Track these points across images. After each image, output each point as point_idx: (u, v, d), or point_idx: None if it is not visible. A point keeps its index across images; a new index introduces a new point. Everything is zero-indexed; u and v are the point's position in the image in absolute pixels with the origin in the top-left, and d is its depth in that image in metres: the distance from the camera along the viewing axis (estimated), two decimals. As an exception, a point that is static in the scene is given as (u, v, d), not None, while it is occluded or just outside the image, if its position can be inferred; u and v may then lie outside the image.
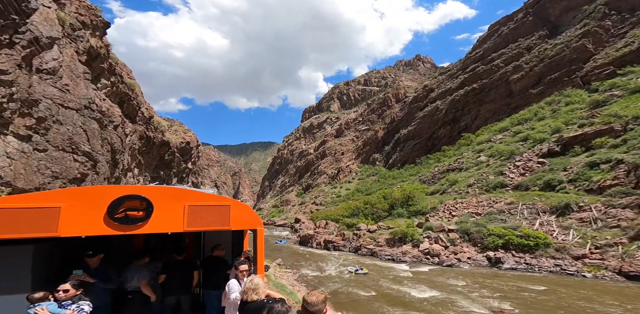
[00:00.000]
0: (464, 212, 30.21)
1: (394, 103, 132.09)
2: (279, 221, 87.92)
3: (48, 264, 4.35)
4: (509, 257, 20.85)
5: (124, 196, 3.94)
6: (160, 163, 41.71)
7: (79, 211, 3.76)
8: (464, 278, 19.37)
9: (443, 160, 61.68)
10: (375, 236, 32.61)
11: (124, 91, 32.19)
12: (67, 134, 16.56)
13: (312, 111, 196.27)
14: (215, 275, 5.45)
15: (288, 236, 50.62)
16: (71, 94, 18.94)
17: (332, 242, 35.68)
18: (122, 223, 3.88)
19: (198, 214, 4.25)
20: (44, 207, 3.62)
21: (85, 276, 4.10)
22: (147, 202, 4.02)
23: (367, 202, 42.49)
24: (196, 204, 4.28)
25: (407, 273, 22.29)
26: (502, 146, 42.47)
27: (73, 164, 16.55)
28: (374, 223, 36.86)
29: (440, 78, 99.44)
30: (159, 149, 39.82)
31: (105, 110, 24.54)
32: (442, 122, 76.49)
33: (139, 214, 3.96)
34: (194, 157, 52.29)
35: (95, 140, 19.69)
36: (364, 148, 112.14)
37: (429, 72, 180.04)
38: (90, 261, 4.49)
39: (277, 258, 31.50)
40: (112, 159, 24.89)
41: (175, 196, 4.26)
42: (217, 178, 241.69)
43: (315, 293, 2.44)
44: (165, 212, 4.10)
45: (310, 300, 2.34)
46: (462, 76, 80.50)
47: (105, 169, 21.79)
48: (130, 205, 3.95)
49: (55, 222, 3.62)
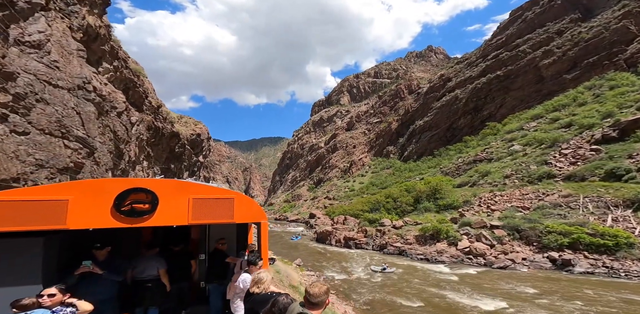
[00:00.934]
0: (505, 206, 26.41)
1: (406, 95, 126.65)
2: (291, 216, 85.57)
3: (58, 256, 4.28)
4: (581, 259, 17.16)
5: (130, 189, 3.89)
6: (171, 156, 39.30)
7: (86, 204, 3.73)
8: (529, 283, 15.89)
9: (466, 151, 57.34)
10: (403, 233, 29.26)
11: (129, 76, 29.44)
12: (54, 115, 13.77)
13: (322, 104, 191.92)
14: (217, 268, 5.48)
15: (303, 232, 47.88)
16: (61, 71, 16.13)
17: (354, 239, 32.55)
18: (129, 216, 3.85)
19: (202, 207, 4.14)
20: (52, 200, 3.60)
21: (94, 267, 4.08)
22: (152, 195, 3.95)
23: (389, 195, 39.03)
24: (200, 197, 4.18)
25: (450, 275, 18.94)
26: (540, 134, 38.01)
27: (63, 150, 13.80)
28: (398, 218, 33.45)
29: (458, 67, 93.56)
30: (169, 140, 37.31)
31: (106, 94, 21.80)
32: (462, 112, 71.55)
33: (145, 207, 3.91)
34: (205, 151, 49.82)
35: (92, 125, 16.93)
36: (377, 141, 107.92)
37: (442, 63, 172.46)
38: (98, 254, 4.45)
39: (295, 257, 28.64)
40: (116, 149, 22.29)
41: (180, 189, 4.17)
42: (229, 174, 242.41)
43: (317, 284, 2.41)
44: (170, 205, 4.02)
45: (312, 292, 2.31)
46: (482, 64, 74.99)
47: (107, 159, 19.11)
48: (136, 198, 3.90)
49: (63, 214, 3.61)
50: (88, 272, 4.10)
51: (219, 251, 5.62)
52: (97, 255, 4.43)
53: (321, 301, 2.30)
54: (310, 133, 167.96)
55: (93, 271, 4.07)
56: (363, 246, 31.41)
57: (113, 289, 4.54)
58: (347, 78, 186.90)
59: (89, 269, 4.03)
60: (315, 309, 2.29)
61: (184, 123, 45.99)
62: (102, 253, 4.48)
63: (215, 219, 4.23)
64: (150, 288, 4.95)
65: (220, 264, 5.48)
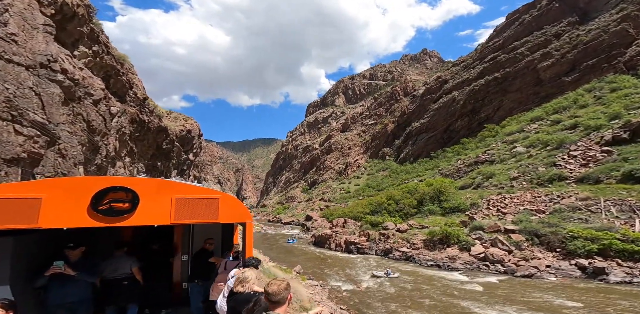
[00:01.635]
0: (518, 209, 24.69)
1: (402, 97, 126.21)
2: (285, 218, 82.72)
3: (30, 257, 4.14)
4: (614, 267, 15.38)
5: (109, 188, 3.68)
6: (158, 153, 36.27)
7: (61, 202, 3.53)
8: (563, 294, 13.95)
9: (464, 153, 56.16)
10: (408, 237, 27.17)
11: (111, 63, 26.54)
12: (3, 94, 11.07)
13: (317, 105, 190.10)
14: (201, 268, 5.36)
15: (299, 235, 45.32)
16: (19, 46, 13.42)
17: (356, 243, 30.26)
18: (107, 215, 3.63)
19: (186, 206, 3.96)
20: (24, 198, 3.41)
21: (66, 268, 3.96)
22: (132, 194, 3.75)
23: (390, 197, 37.00)
24: (184, 197, 4.00)
25: (470, 285, 16.88)
26: (544, 135, 36.85)
27: (13, 137, 11.09)
28: (402, 221, 31.40)
29: (455, 69, 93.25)
30: (156, 136, 34.33)
31: (80, 79, 19.01)
32: (459, 114, 70.69)
33: (125, 206, 3.70)
34: (196, 148, 46.81)
35: (55, 109, 14.19)
36: (372, 142, 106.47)
37: (436, 66, 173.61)
38: (71, 254, 4.27)
39: (294, 263, 26.15)
40: (90, 141, 19.45)
41: (163, 188, 3.97)
42: (221, 174, 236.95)
43: (275, 282, 2.35)
44: (151, 204, 3.83)
45: (272, 290, 2.26)
46: (480, 66, 74.59)
47: (76, 151, 16.32)
48: (115, 197, 3.69)
49: (35, 213, 3.41)
50: (59, 273, 3.92)
51: (205, 250, 5.48)
52: (69, 255, 4.24)
53: (283, 298, 2.26)
54: (304, 134, 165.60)
55: (65, 272, 3.94)
56: (366, 250, 29.15)
57: (87, 290, 4.34)
58: (343, 79, 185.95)
59: (61, 270, 3.90)
60: (278, 307, 2.24)
61: (173, 118, 43.01)
62: (75, 253, 4.29)
63: (199, 219, 4.09)
64: (127, 286, 4.96)
65: (205, 264, 5.34)
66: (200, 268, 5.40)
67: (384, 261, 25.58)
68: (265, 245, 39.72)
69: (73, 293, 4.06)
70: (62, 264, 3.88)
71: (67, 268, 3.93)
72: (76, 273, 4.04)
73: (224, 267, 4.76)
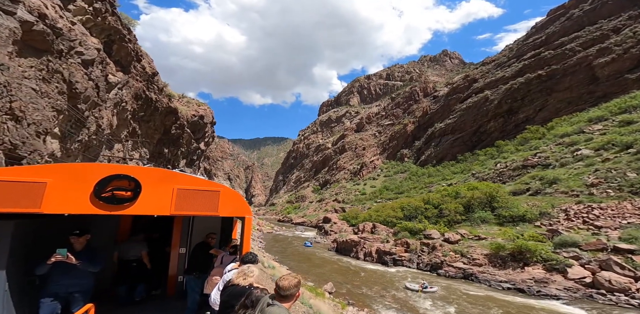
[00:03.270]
0: (618, 222, 18.77)
1: (421, 97, 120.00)
2: (296, 218, 77.65)
3: (29, 242, 3.97)
4: None
5: (113, 175, 3.59)
6: (165, 138, 31.78)
7: (64, 188, 3.41)
8: None
9: (502, 156, 49.82)
10: (462, 249, 21.56)
11: (115, 26, 21.98)
12: None
13: (330, 104, 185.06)
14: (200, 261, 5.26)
15: (316, 239, 40.13)
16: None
17: (391, 253, 24.80)
18: (109, 203, 3.53)
19: (187, 198, 3.86)
20: (30, 182, 3.28)
21: (69, 257, 3.68)
22: (135, 183, 3.66)
23: (428, 201, 31.35)
24: (185, 188, 3.89)
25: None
26: (622, 137, 30.55)
27: None
28: (447, 230, 25.75)
29: (485, 68, 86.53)
30: (164, 118, 29.82)
31: (66, 30, 14.47)
32: (493, 114, 64.18)
33: (127, 194, 3.60)
34: (208, 137, 42.27)
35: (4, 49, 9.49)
36: (390, 143, 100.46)
37: (457, 68, 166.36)
38: (76, 242, 3.97)
39: (319, 275, 20.93)
40: (73, 110, 14.84)
41: (165, 178, 3.88)
42: (231, 171, 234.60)
43: (287, 277, 2.33)
44: (153, 194, 3.74)
45: (282, 285, 2.25)
46: (518, 64, 67.93)
47: (41, 117, 11.62)
48: (118, 185, 3.59)
49: (39, 198, 3.29)
50: (62, 261, 3.66)
51: (206, 244, 5.42)
52: (75, 243, 3.97)
53: (291, 294, 2.26)
54: (317, 133, 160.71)
55: (67, 260, 3.67)
56: (405, 263, 23.66)
57: (88, 280, 4.06)
58: (358, 79, 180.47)
59: (63, 258, 3.61)
60: (285, 302, 2.25)
61: (185, 103, 38.62)
62: (81, 241, 4.01)
63: (199, 211, 3.93)
64: (135, 267, 5.37)
65: (205, 257, 5.27)
66: (199, 260, 5.24)
67: (433, 277, 20.08)
68: (277, 248, 34.67)
69: (74, 283, 3.84)
70: (65, 252, 3.63)
71: (70, 257, 3.68)
72: (79, 262, 3.78)
73: (220, 261, 4.65)
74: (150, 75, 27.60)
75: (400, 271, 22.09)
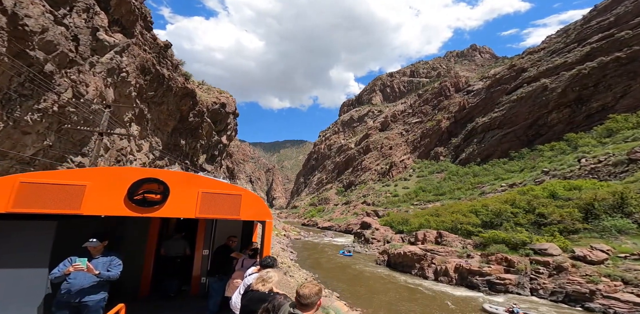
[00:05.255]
0: None
1: (453, 93, 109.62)
2: (322, 222, 70.75)
3: (68, 241, 3.94)
4: None
5: (144, 179, 3.67)
6: (182, 127, 26.30)
7: (101, 191, 3.51)
8: None
9: (583, 150, 40.04)
10: (624, 274, 13.52)
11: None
12: None
13: (352, 104, 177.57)
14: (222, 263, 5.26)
15: (355, 248, 33.00)
16: None
17: (483, 274, 17.15)
18: (140, 205, 3.59)
19: (210, 201, 3.89)
20: (71, 185, 3.39)
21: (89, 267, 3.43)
22: (164, 186, 3.72)
23: (513, 203, 23.21)
24: (209, 192, 3.93)
25: None
26: None
27: None
28: (570, 243, 17.56)
29: (534, 57, 75.52)
30: (179, 101, 24.31)
31: None
32: (555, 105, 53.94)
33: (156, 197, 3.67)
34: (231, 130, 36.68)
35: None
36: (421, 141, 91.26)
37: (488, 62, 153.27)
38: (93, 249, 3.68)
39: (377, 305, 13.83)
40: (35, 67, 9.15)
41: (190, 182, 3.92)
42: (252, 173, 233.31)
43: (308, 285, 2.24)
44: (180, 197, 3.78)
45: (302, 292, 2.17)
46: (582, 48, 57.35)
47: None
48: (149, 188, 3.66)
49: (79, 200, 3.39)
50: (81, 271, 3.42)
51: (227, 246, 5.39)
52: (92, 250, 3.69)
53: (312, 302, 2.18)
54: (338, 133, 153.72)
55: (87, 271, 3.42)
56: (510, 288, 15.96)
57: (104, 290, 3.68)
58: (380, 77, 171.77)
59: (83, 269, 3.37)
60: (306, 311, 2.18)
61: (206, 90, 33.36)
62: (98, 249, 3.72)
63: (221, 214, 3.93)
64: (178, 263, 5.73)
65: (226, 259, 5.26)
66: (221, 262, 5.24)
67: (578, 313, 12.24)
68: (312, 260, 27.93)
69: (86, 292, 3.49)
70: (85, 261, 3.40)
71: (91, 267, 3.44)
72: (99, 272, 3.52)
73: (241, 264, 4.70)
74: (162, 47, 22.11)
75: (509, 300, 14.40)
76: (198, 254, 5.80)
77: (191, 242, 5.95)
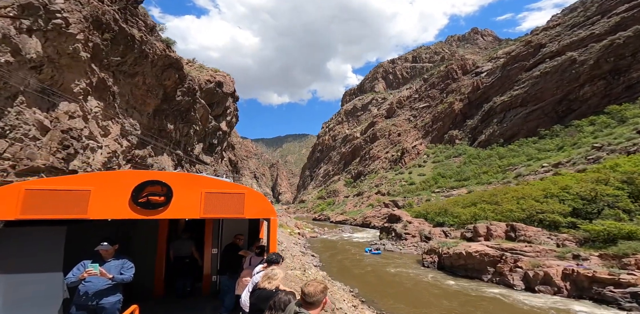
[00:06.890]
0: None
1: (460, 75, 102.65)
2: (334, 216, 65.66)
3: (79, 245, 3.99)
4: None
5: (147, 181, 3.70)
6: (168, 108, 20.57)
7: (106, 195, 3.57)
8: None
9: (635, 121, 34.07)
10: None
11: None
12: None
13: (354, 93, 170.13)
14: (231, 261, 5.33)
15: (384, 245, 27.75)
16: None
17: (624, 284, 11.69)
18: (145, 208, 3.65)
19: (214, 201, 3.93)
20: (76, 190, 3.46)
21: (102, 272, 3.43)
22: (167, 188, 3.75)
23: (607, 182, 17.49)
24: (212, 191, 3.96)
25: None
26: None
27: None
28: None
29: (550, 32, 68.22)
30: (161, 74, 18.52)
31: None
32: (587, 77, 47.55)
33: (160, 199, 3.71)
34: (230, 115, 30.90)
35: None
36: (433, 125, 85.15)
37: (491, 45, 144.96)
38: (105, 253, 3.71)
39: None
40: None
41: (193, 182, 3.96)
42: (256, 170, 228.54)
43: (313, 283, 2.22)
44: (183, 198, 3.82)
45: (308, 291, 2.15)
46: (608, 19, 50.64)
47: None
48: (152, 190, 3.70)
49: (85, 204, 3.45)
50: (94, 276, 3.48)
51: (235, 244, 5.45)
52: (103, 254, 3.71)
53: (317, 300, 2.16)
54: (342, 123, 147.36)
55: (101, 276, 3.45)
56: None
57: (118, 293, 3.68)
58: (382, 64, 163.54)
59: (97, 274, 3.39)
60: (312, 309, 2.16)
61: (198, 68, 27.47)
62: (110, 252, 3.72)
63: (226, 213, 3.98)
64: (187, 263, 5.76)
65: (235, 258, 5.30)
66: (230, 261, 5.30)
67: None
68: (335, 263, 22.68)
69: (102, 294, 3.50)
70: (97, 267, 3.43)
71: (104, 272, 3.45)
72: (112, 275, 3.54)
73: (249, 262, 4.66)
74: (127, 1, 16.14)
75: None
76: (207, 253, 5.82)
77: (200, 242, 5.87)
